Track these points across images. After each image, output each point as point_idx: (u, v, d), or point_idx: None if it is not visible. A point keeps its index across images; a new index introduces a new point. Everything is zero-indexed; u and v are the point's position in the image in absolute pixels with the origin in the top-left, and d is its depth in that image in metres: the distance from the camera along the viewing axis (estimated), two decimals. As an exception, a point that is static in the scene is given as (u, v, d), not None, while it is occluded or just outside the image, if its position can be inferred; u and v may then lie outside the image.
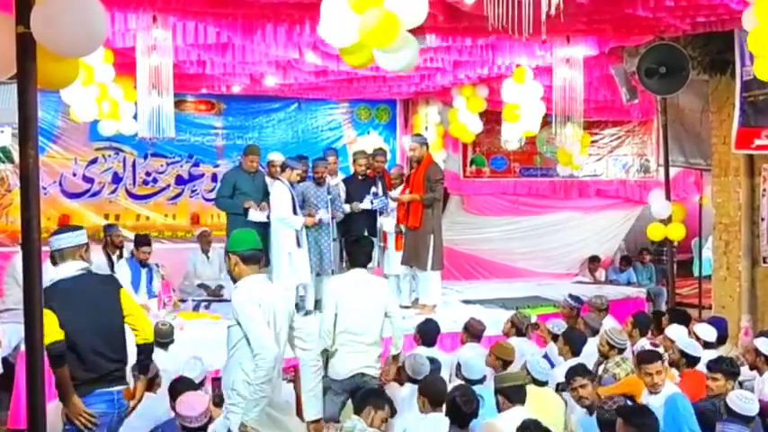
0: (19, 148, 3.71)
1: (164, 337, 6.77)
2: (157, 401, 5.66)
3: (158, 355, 6.49)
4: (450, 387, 6.24)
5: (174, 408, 5.10)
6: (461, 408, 4.85)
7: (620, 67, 9.42)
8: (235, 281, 4.85)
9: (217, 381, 6.00)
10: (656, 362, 5.61)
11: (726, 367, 5.71)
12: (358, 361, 5.86)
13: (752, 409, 4.95)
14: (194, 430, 4.76)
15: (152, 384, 5.74)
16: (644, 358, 5.73)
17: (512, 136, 9.95)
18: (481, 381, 6.03)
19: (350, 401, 5.77)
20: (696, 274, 12.86)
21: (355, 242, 6.37)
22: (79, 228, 5.25)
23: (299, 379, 5.71)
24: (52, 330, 4.46)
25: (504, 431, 4.74)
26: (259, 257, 4.87)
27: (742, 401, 4.98)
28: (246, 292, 4.68)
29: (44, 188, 10.93)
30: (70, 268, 4.79)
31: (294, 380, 5.81)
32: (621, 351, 6.73)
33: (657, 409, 5.44)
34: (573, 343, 6.84)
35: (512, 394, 5.19)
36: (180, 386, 5.45)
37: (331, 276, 8.45)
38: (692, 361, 6.28)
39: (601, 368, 6.50)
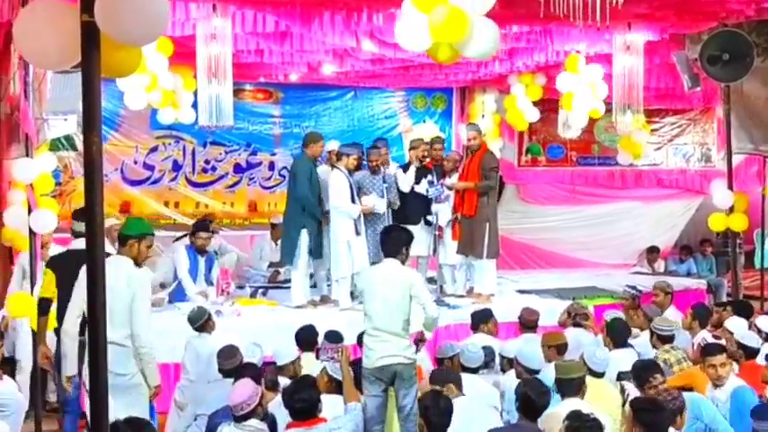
0: (83, 135, 3.78)
1: (194, 322, 6.76)
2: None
3: (203, 341, 6.65)
4: (500, 376, 6.27)
5: None
6: (536, 402, 4.84)
7: (683, 54, 9.24)
8: None
9: (268, 365, 6.09)
10: (720, 354, 5.51)
11: None
12: (382, 350, 5.73)
13: None
14: (241, 417, 4.84)
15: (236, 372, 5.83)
16: (708, 350, 5.63)
17: (575, 122, 9.83)
18: (539, 371, 5.98)
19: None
20: (758, 265, 12.60)
21: (386, 232, 6.23)
22: None
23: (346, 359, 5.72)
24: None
25: (561, 421, 4.70)
26: (124, 241, 5.48)
27: None
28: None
29: (106, 175, 11.03)
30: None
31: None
32: (669, 340, 6.63)
33: (723, 403, 5.38)
34: (615, 334, 6.72)
35: (562, 387, 5.16)
36: (242, 372, 5.56)
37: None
38: (751, 353, 6.16)
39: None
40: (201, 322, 6.76)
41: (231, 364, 5.92)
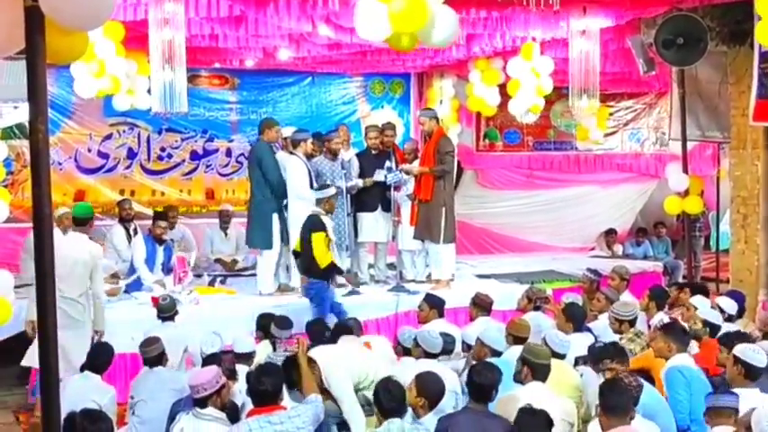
0: (29, 123, 3.69)
1: (165, 312, 6.98)
2: (181, 374, 5.86)
3: (167, 329, 6.66)
4: (460, 362, 6.27)
5: None
6: (486, 385, 4.82)
7: (638, 39, 9.29)
8: None
9: (226, 353, 6.06)
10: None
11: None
12: None
13: (762, 359, 4.94)
14: (200, 403, 4.82)
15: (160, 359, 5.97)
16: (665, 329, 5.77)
17: (517, 110, 9.85)
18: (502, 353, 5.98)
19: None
20: (713, 248, 12.80)
21: None
22: None
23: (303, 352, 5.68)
24: None
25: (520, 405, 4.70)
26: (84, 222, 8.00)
27: (752, 352, 4.97)
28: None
29: (60, 164, 10.97)
30: None
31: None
32: (632, 323, 6.71)
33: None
34: (573, 318, 6.79)
35: (537, 369, 5.13)
36: (205, 363, 5.66)
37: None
38: (714, 330, 6.30)
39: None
40: (172, 313, 7.01)
41: (155, 351, 5.93)
